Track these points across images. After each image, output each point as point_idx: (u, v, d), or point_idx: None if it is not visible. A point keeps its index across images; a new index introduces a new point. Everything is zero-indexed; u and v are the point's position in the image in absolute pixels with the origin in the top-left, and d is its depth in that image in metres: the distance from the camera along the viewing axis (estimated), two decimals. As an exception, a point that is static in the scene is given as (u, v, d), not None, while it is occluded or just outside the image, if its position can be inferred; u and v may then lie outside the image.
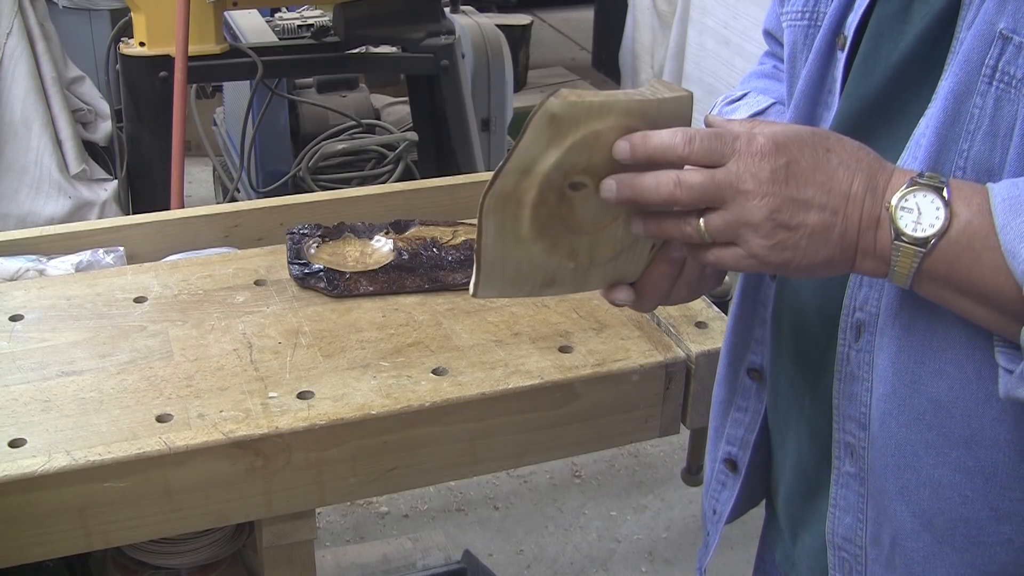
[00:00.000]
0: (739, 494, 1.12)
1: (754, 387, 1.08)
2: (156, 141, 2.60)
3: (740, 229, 0.78)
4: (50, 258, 1.48)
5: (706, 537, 1.16)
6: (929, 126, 0.82)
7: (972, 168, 0.80)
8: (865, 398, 0.89)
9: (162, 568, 1.33)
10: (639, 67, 4.99)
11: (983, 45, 0.79)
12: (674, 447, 2.90)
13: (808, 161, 0.78)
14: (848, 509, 0.94)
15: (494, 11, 4.91)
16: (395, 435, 1.15)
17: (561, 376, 1.20)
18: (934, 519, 0.88)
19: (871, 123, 0.90)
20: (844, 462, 0.93)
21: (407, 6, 2.78)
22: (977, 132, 0.80)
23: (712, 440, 1.15)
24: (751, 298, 1.06)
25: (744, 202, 0.77)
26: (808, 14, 0.97)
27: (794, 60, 0.99)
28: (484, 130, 3.46)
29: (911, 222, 0.76)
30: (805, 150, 0.78)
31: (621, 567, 2.54)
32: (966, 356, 0.83)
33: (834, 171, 0.78)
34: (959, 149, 0.80)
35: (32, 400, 1.15)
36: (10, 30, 2.95)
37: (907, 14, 0.88)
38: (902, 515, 0.89)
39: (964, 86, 0.80)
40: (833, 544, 0.96)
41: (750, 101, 1.10)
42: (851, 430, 0.91)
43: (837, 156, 0.78)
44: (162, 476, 1.08)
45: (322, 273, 1.38)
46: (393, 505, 2.70)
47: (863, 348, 0.88)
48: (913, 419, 0.86)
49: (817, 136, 0.79)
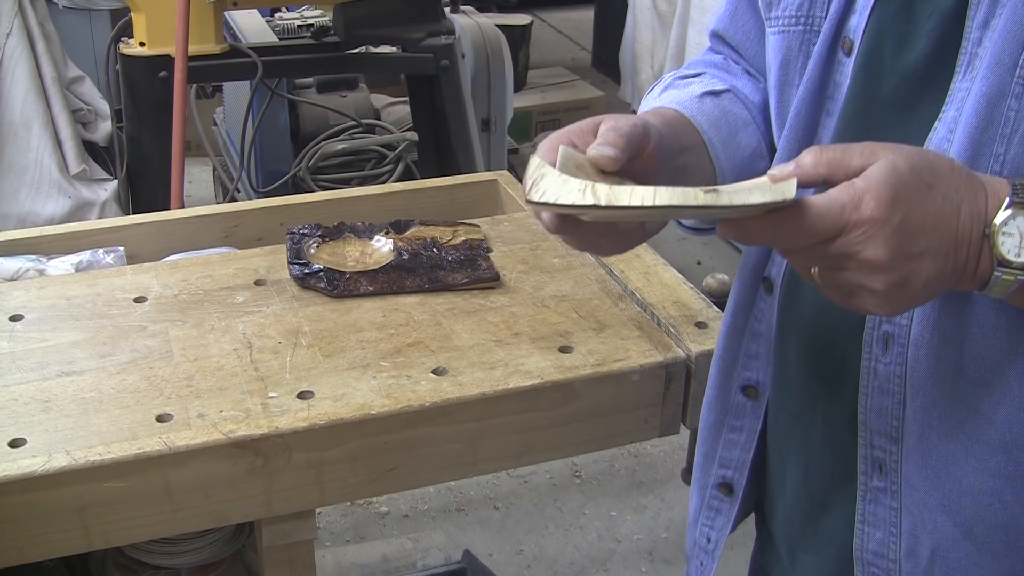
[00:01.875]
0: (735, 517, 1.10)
1: (749, 405, 1.06)
2: (156, 141, 2.61)
3: (857, 290, 0.76)
4: (50, 258, 1.48)
5: (699, 567, 1.13)
6: (959, 131, 0.81)
7: (1008, 172, 0.79)
8: (897, 412, 0.88)
9: (162, 568, 1.33)
10: (639, 67, 4.99)
11: (1015, 47, 0.77)
12: (674, 447, 2.90)
13: (917, 209, 0.73)
14: (878, 524, 0.92)
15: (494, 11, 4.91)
16: (395, 435, 1.15)
17: (561, 376, 1.20)
18: (975, 527, 0.87)
19: (877, 127, 0.88)
20: (871, 477, 0.91)
21: (407, 6, 2.78)
22: (1014, 135, 0.78)
23: (701, 467, 1.12)
24: (744, 312, 1.04)
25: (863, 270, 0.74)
26: (803, 19, 0.95)
27: (787, 67, 0.96)
28: (484, 130, 3.46)
29: (1013, 247, 0.73)
30: (912, 196, 0.73)
31: (621, 567, 2.54)
32: (1008, 362, 0.82)
33: (940, 209, 0.73)
34: (994, 153, 0.79)
35: (32, 400, 1.15)
36: (10, 30, 2.95)
37: (909, 14, 0.86)
38: (943, 526, 0.88)
39: (996, 90, 0.78)
40: (862, 560, 0.94)
41: (705, 80, 1.07)
42: (880, 444, 0.90)
43: (940, 191, 0.73)
44: (162, 476, 1.08)
45: (322, 273, 1.38)
46: (393, 505, 2.70)
47: (892, 361, 0.87)
48: (953, 429, 0.85)
49: (915, 172, 0.73)
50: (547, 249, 1.49)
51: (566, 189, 0.77)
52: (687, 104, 1.03)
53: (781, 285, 0.99)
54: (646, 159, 0.88)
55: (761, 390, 1.05)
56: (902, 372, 0.87)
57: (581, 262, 1.45)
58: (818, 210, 0.72)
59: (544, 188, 0.78)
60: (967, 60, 0.82)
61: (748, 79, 1.08)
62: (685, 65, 1.13)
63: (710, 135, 1.01)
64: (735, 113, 1.04)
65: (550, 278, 1.41)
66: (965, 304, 0.83)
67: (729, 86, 1.06)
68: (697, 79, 1.08)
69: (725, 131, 1.03)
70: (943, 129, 0.83)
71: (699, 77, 1.08)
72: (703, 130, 1.01)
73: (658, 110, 1.03)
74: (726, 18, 1.08)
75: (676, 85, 1.08)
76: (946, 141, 0.82)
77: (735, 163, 1.03)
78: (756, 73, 1.08)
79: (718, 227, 0.78)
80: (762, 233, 0.75)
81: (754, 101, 1.06)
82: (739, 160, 1.03)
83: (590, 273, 1.43)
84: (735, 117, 1.04)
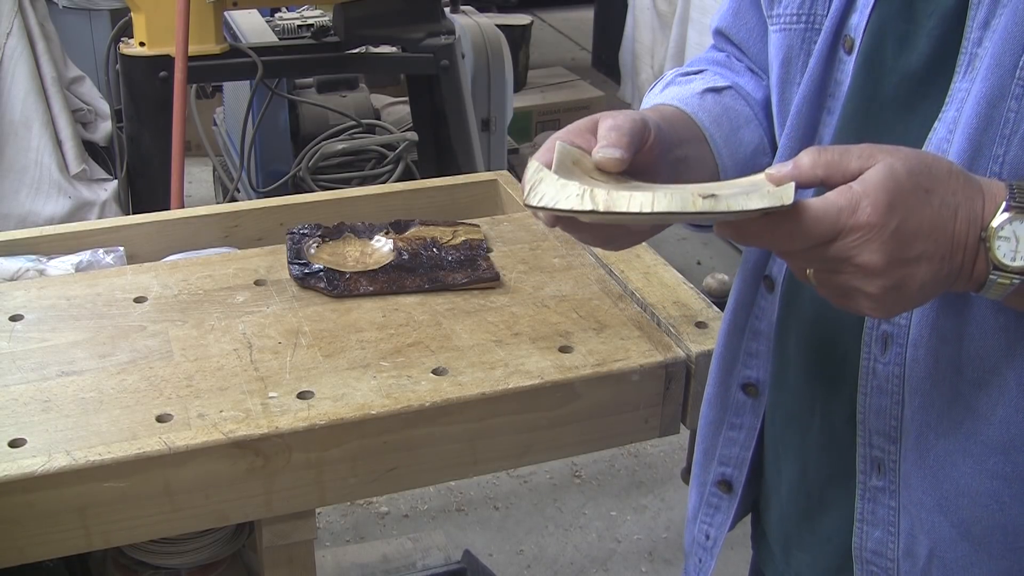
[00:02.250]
0: (734, 514, 1.10)
1: (749, 403, 1.06)
2: (156, 141, 2.61)
3: (852, 292, 0.75)
4: (50, 258, 1.48)
5: (698, 564, 1.13)
6: (959, 132, 0.80)
7: (1008, 173, 0.78)
8: (896, 411, 0.88)
9: (162, 568, 1.33)
10: (639, 67, 4.99)
11: (1015, 48, 0.77)
12: (674, 447, 2.90)
13: (914, 214, 0.72)
14: (877, 523, 0.93)
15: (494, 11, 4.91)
16: (395, 435, 1.15)
17: (561, 376, 1.20)
18: (972, 528, 0.87)
19: (877, 126, 0.88)
20: (870, 476, 0.92)
21: (407, 6, 2.78)
22: (1013, 136, 0.78)
23: (700, 464, 1.12)
24: (744, 311, 1.04)
25: (859, 274, 0.74)
26: (804, 17, 0.95)
27: (788, 64, 0.96)
28: (484, 130, 3.47)
29: (1009, 251, 0.73)
30: (909, 201, 0.72)
31: (621, 567, 2.54)
32: (1006, 363, 0.82)
33: (937, 213, 0.73)
34: (994, 154, 0.79)
35: (32, 400, 1.15)
36: (10, 30, 2.95)
37: (910, 12, 0.86)
38: (941, 526, 0.88)
39: (996, 91, 0.78)
40: (861, 559, 0.94)
41: (707, 77, 1.07)
42: (879, 444, 0.90)
43: (938, 196, 0.73)
44: (162, 476, 1.08)
45: (322, 273, 1.38)
46: (393, 505, 2.70)
47: (891, 361, 0.87)
48: (951, 429, 0.85)
49: (913, 176, 0.73)
50: (547, 249, 1.49)
51: (564, 194, 0.76)
52: (688, 100, 1.03)
53: (782, 283, 0.99)
54: (646, 153, 0.88)
55: (761, 388, 1.05)
56: (901, 372, 0.87)
57: (581, 262, 1.45)
58: (815, 214, 0.72)
59: (542, 193, 0.78)
60: (967, 60, 0.82)
61: (751, 76, 1.08)
62: (687, 62, 1.13)
63: (711, 131, 1.01)
64: (737, 110, 1.04)
65: (550, 278, 1.41)
66: (964, 305, 0.83)
67: (731, 83, 1.06)
68: (699, 76, 1.07)
69: (727, 127, 1.03)
70: (943, 129, 0.83)
71: (701, 74, 1.08)
72: (704, 126, 1.01)
73: (657, 106, 1.03)
74: (729, 16, 1.08)
75: (678, 82, 1.08)
76: (946, 141, 0.82)
77: (737, 159, 1.03)
78: (759, 71, 1.07)
79: (715, 226, 0.78)
80: (759, 235, 0.75)
81: (756, 98, 1.06)
82: (741, 156, 1.03)
83: (590, 273, 1.43)
84: (737, 114, 1.04)
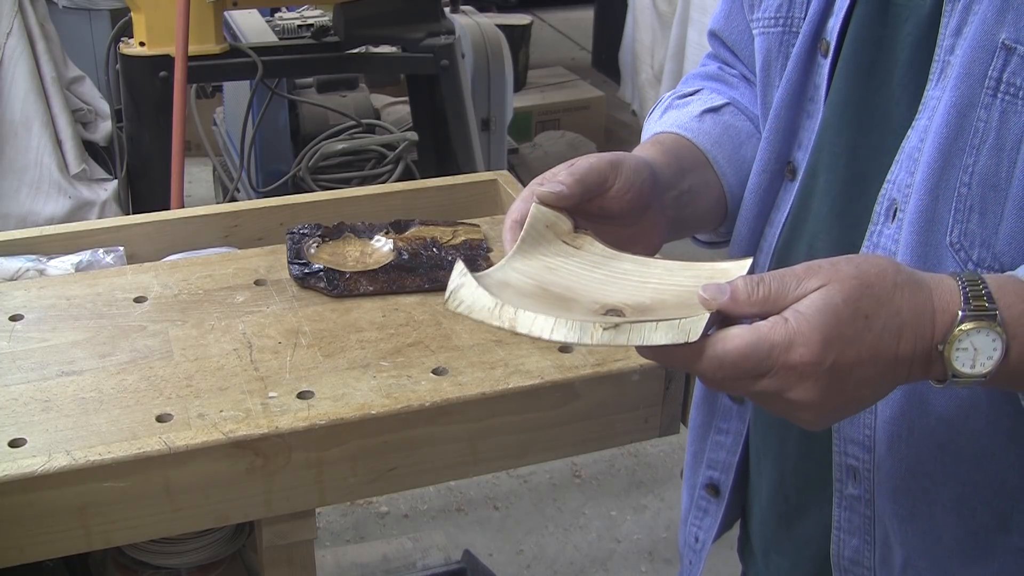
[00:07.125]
0: (722, 518, 1.10)
1: (735, 408, 1.07)
2: (156, 141, 2.61)
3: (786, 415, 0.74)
4: (50, 258, 1.48)
5: (688, 567, 1.14)
6: (929, 141, 0.79)
7: (978, 183, 0.77)
8: (869, 420, 0.88)
9: (162, 568, 1.33)
10: (639, 67, 4.99)
11: (984, 56, 0.76)
12: (674, 447, 2.90)
13: (852, 346, 0.70)
14: (854, 532, 0.92)
15: (494, 11, 4.92)
16: (395, 435, 1.15)
17: (561, 376, 1.20)
18: (944, 535, 0.87)
19: (854, 131, 0.87)
20: (847, 485, 0.91)
21: (407, 6, 2.78)
22: (983, 146, 0.77)
23: (690, 467, 1.13)
24: None
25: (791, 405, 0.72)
26: (782, 20, 0.94)
27: (768, 68, 0.96)
28: (484, 130, 3.47)
29: (967, 361, 0.71)
30: (846, 332, 0.69)
31: (621, 567, 2.54)
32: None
33: (878, 338, 0.70)
34: (963, 164, 0.78)
35: (32, 400, 1.15)
36: (10, 30, 2.95)
37: (886, 18, 0.85)
38: (912, 535, 0.88)
39: (966, 99, 0.77)
40: (840, 567, 0.94)
41: (703, 97, 1.06)
42: (854, 453, 0.90)
43: (880, 319, 0.70)
44: (162, 476, 1.08)
45: (322, 273, 1.38)
46: (393, 505, 2.70)
47: None
48: (923, 438, 0.85)
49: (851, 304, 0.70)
50: (547, 249, 1.48)
51: (479, 305, 0.78)
52: (687, 125, 1.02)
53: None
54: (617, 197, 0.86)
55: None
56: None
57: (581, 262, 1.45)
58: (745, 350, 0.69)
59: (461, 299, 0.79)
60: (940, 68, 0.80)
61: (746, 87, 1.08)
62: (682, 81, 1.13)
63: (714, 154, 1.01)
64: (737, 127, 1.04)
65: (550, 278, 1.41)
66: None
67: (728, 99, 1.06)
68: (695, 97, 1.07)
69: (728, 147, 1.02)
70: (915, 138, 0.82)
71: (697, 94, 1.07)
72: (706, 149, 1.01)
73: (656, 138, 1.02)
74: (722, 18, 1.08)
75: (675, 106, 1.07)
76: (917, 150, 0.81)
77: (742, 177, 1.02)
78: (752, 76, 1.07)
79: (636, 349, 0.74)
80: (685, 363, 0.72)
81: (754, 112, 1.06)
82: (746, 173, 1.02)
83: (590, 273, 1.42)
84: (737, 131, 1.04)
